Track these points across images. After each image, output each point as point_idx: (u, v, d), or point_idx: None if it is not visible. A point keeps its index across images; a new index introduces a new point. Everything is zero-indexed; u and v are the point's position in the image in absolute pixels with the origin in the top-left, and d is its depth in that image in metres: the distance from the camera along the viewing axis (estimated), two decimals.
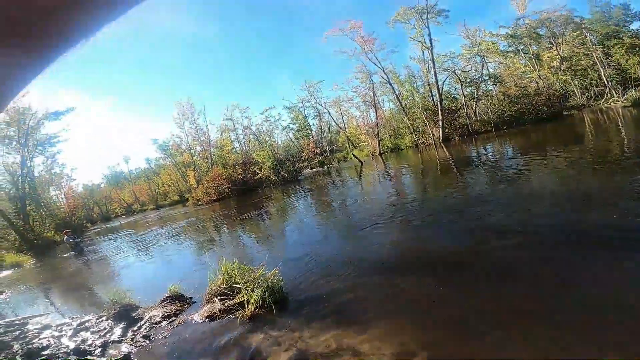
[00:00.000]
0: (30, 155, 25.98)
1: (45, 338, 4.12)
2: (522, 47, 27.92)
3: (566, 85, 24.01)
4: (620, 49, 21.29)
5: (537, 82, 24.06)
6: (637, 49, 21.22)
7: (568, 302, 2.75)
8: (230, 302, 4.21)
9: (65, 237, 14.43)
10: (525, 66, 27.07)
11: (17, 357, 3.57)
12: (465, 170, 10.66)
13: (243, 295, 4.12)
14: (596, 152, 8.10)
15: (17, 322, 4.92)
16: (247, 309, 3.86)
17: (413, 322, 2.98)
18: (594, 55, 22.47)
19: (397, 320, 3.06)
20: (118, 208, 43.96)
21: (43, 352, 3.65)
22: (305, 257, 5.79)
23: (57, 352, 3.67)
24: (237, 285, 4.37)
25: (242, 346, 3.22)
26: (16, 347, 3.86)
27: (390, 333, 2.87)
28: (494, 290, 3.20)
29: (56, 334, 4.29)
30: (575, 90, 23.45)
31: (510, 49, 28.82)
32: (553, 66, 24.91)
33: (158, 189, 44.71)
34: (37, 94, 29.90)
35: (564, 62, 24.23)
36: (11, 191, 23.40)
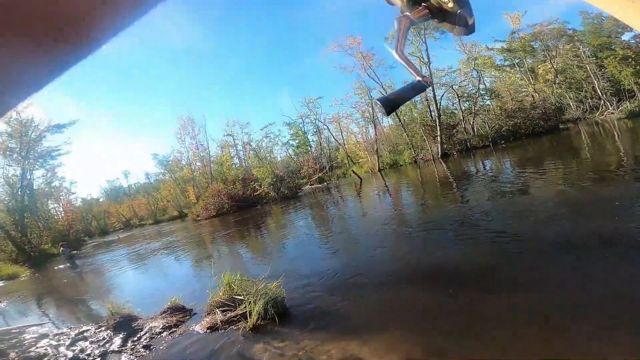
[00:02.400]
0: (31, 168, 25.95)
1: (42, 347, 4.06)
2: (517, 61, 28.29)
3: (561, 98, 24.33)
4: (613, 60, 21.64)
5: (533, 96, 24.34)
6: (630, 60, 21.53)
7: (569, 304, 2.77)
8: (232, 314, 4.15)
9: (62, 249, 14.37)
10: (521, 80, 27.48)
11: None
12: (464, 184, 10.72)
13: (245, 307, 4.07)
14: (592, 165, 8.19)
15: (14, 330, 4.85)
16: (249, 320, 3.81)
17: (417, 331, 2.97)
18: (588, 67, 22.80)
19: (401, 330, 3.04)
20: (116, 222, 43.56)
21: None
22: (306, 270, 5.76)
23: None
24: (239, 297, 4.33)
25: (245, 356, 3.18)
26: (13, 355, 3.80)
27: (394, 343, 2.85)
28: (495, 297, 3.22)
29: (54, 343, 4.21)
30: (571, 104, 23.74)
31: (506, 62, 29.28)
32: (548, 79, 25.24)
33: (157, 203, 44.50)
34: (40, 104, 30.06)
35: (558, 75, 24.59)
36: (10, 203, 23.34)
